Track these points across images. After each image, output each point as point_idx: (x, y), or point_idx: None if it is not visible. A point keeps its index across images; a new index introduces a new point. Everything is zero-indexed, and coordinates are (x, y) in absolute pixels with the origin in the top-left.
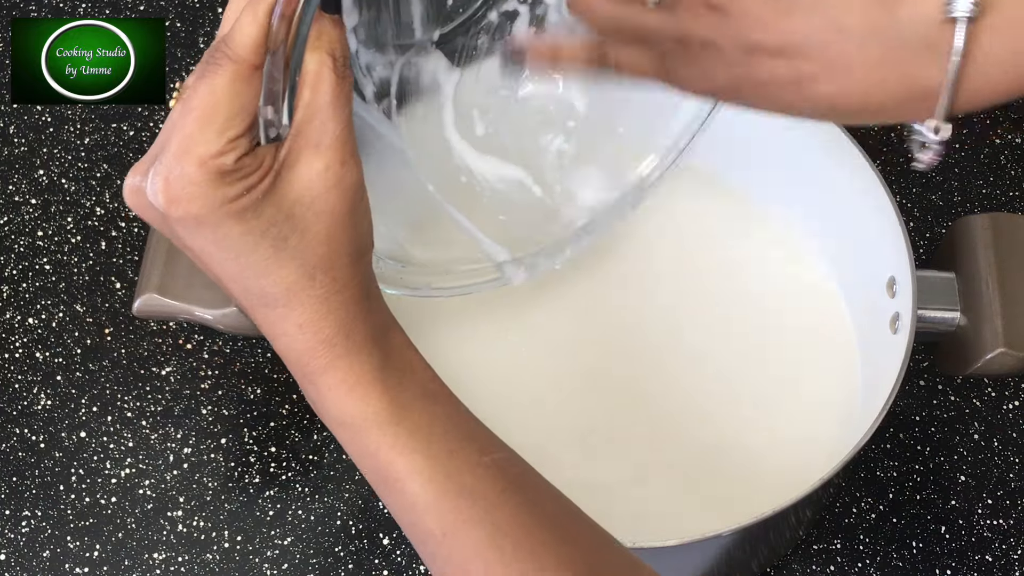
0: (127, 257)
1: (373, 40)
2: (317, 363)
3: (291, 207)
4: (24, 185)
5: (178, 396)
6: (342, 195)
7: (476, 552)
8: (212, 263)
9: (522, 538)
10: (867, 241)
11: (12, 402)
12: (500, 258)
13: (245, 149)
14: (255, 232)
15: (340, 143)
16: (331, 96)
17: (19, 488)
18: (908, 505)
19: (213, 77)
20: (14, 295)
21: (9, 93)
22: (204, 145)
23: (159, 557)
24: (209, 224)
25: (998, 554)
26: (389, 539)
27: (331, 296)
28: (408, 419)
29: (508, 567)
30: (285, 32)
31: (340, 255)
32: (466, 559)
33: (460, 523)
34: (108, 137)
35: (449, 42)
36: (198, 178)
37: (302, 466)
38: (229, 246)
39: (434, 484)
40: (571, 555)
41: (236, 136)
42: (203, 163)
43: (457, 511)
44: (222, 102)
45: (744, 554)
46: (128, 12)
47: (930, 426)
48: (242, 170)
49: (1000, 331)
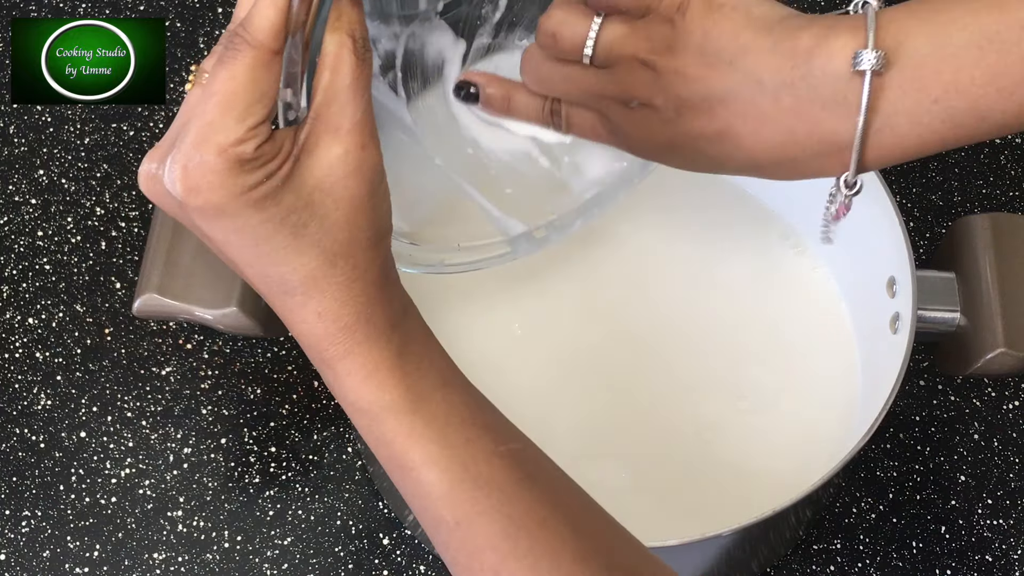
0: (127, 257)
1: (378, 12)
2: (336, 350)
3: (310, 194)
4: (24, 185)
5: (178, 396)
6: (362, 180)
7: (489, 543)
8: (230, 251)
9: (537, 531)
10: (867, 241)
11: (12, 402)
12: (512, 232)
13: (265, 136)
14: (274, 220)
15: (360, 127)
16: (351, 79)
17: (19, 488)
18: (908, 505)
19: (233, 63)
20: (14, 295)
21: (9, 93)
22: (224, 133)
23: (159, 557)
24: (228, 213)
25: (998, 554)
26: (389, 539)
27: (352, 283)
28: (425, 408)
29: (521, 560)
30: (305, 14)
31: (360, 240)
32: (479, 549)
33: (474, 513)
34: (108, 137)
35: (453, 11)
36: (218, 167)
37: (302, 466)
38: (248, 234)
39: (449, 474)
40: (587, 549)
41: (256, 124)
42: (223, 151)
43: (472, 501)
44: (242, 89)
45: (744, 554)
46: (128, 12)
47: (930, 426)
48: (261, 158)
49: (1000, 331)
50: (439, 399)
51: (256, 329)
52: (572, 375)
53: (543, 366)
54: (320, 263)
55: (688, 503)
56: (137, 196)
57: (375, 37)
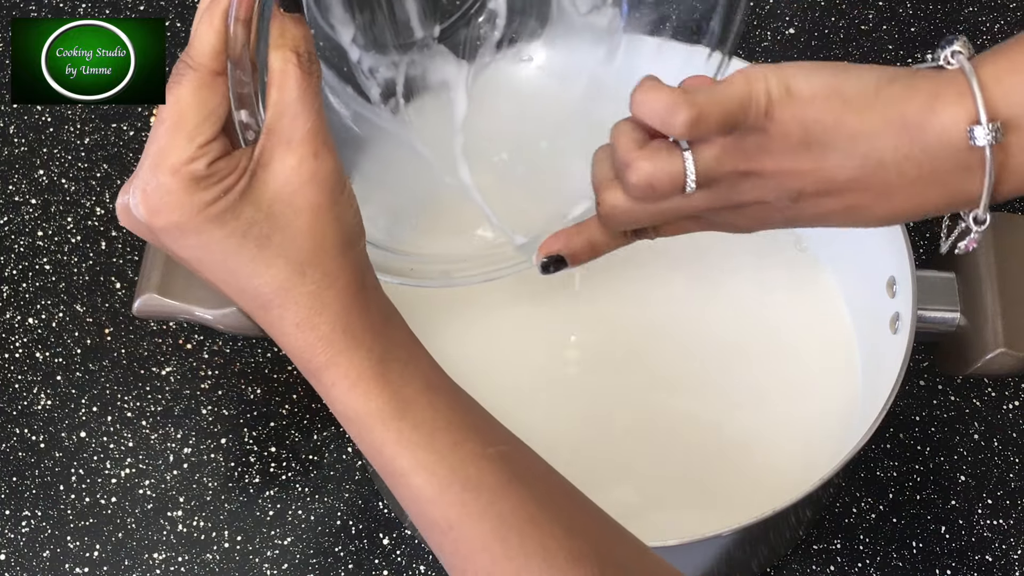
0: (127, 257)
1: (372, 43)
2: (318, 360)
3: (270, 205)
4: (24, 185)
5: (178, 396)
6: (319, 187)
7: (482, 545)
8: (204, 269)
9: (529, 531)
10: (867, 241)
11: (12, 402)
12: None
13: (218, 153)
14: (236, 234)
15: (311, 136)
16: (298, 92)
17: (19, 488)
18: (908, 505)
19: (177, 87)
20: (14, 295)
21: (9, 93)
22: (175, 153)
23: (159, 557)
24: (191, 230)
25: (998, 554)
26: (389, 539)
27: (323, 291)
28: (411, 414)
29: (513, 560)
30: (245, 35)
31: (326, 248)
32: (472, 551)
33: (464, 516)
34: (108, 137)
35: (452, 36)
36: (173, 186)
37: (302, 466)
38: (215, 250)
39: (438, 478)
40: (581, 547)
41: (206, 142)
42: (176, 171)
43: (461, 504)
44: (188, 110)
45: (744, 554)
46: (128, 12)
47: (930, 426)
48: (216, 174)
49: (1000, 331)
50: (424, 404)
51: (256, 329)
52: (571, 375)
53: (543, 366)
54: (288, 273)
55: (688, 503)
56: None
57: (374, 67)
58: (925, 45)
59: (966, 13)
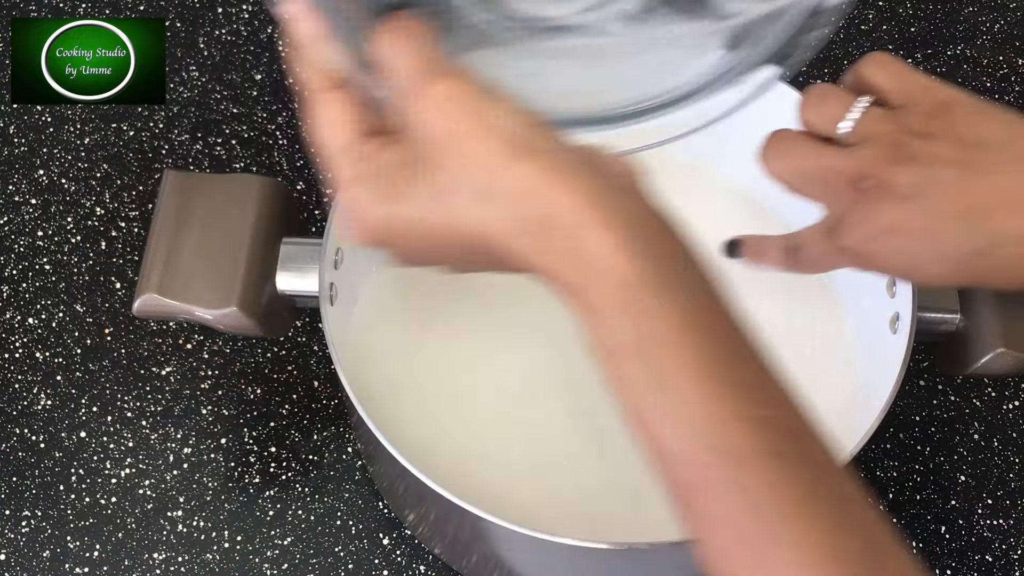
0: (127, 257)
1: None
2: None
3: (424, 150)
4: (24, 185)
5: (178, 396)
6: (453, 113)
7: (721, 519)
8: (449, 245)
9: (777, 512)
10: None
11: (12, 402)
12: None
13: (376, 147)
14: (423, 193)
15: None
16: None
17: (19, 488)
18: (908, 505)
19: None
20: (14, 295)
21: (9, 93)
22: (341, 172)
23: (159, 557)
24: (397, 220)
25: (998, 554)
26: (389, 539)
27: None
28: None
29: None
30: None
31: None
32: (709, 523)
33: (702, 483)
34: (108, 137)
35: None
36: (356, 197)
37: (302, 466)
38: (425, 219)
39: (679, 432)
40: (843, 545)
41: (360, 146)
42: (348, 187)
43: (704, 466)
44: (331, 132)
45: None
46: (128, 12)
47: (930, 426)
48: (377, 160)
49: (1000, 331)
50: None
51: (256, 329)
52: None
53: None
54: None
55: None
56: (137, 196)
57: None
58: (925, 45)
59: (966, 13)
